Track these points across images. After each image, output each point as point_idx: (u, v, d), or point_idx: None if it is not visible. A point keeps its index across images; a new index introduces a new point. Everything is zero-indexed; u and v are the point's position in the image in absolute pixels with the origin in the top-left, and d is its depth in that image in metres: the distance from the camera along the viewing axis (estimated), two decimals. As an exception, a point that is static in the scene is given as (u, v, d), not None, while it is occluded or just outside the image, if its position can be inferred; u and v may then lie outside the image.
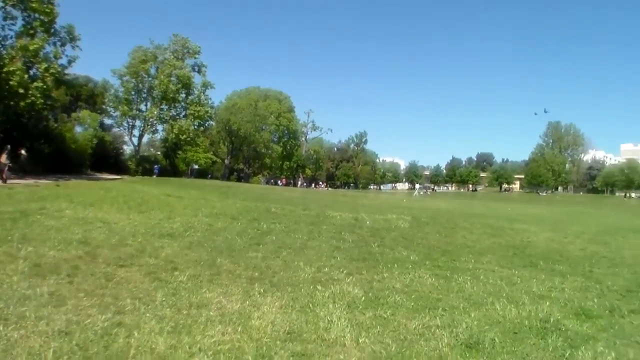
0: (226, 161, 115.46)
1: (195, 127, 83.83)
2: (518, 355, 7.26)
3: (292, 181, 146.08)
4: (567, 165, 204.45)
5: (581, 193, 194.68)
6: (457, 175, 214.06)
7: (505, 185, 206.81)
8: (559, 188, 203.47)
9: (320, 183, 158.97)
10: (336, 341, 7.31)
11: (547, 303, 10.55)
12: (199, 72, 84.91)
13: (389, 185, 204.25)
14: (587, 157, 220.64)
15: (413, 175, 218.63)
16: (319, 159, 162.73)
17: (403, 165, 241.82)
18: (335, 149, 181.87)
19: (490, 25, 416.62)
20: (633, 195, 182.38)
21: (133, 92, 79.39)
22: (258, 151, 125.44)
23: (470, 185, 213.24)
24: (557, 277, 14.19)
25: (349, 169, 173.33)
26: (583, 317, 9.75)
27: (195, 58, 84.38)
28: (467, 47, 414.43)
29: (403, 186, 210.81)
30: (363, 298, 9.90)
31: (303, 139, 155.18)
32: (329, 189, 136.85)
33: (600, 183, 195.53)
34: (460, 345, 7.52)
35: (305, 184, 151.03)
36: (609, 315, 10.04)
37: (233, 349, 6.76)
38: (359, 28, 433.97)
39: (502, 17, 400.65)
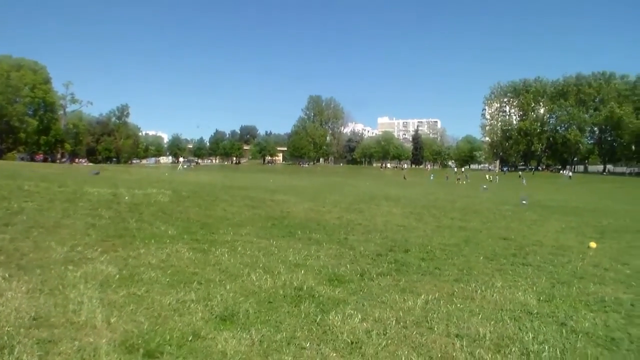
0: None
1: None
2: (272, 324, 7.34)
3: (50, 157, 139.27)
4: (327, 137, 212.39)
5: (341, 164, 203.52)
6: (221, 148, 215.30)
7: (268, 158, 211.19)
8: (321, 160, 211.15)
9: (82, 160, 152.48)
10: (86, 323, 6.92)
11: (302, 271, 10.82)
12: None
13: (152, 159, 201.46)
14: (347, 130, 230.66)
15: (177, 148, 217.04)
16: (79, 133, 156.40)
17: (166, 138, 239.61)
18: (96, 122, 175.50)
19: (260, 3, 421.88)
20: (389, 165, 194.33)
21: None
22: (11, 125, 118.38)
23: (234, 158, 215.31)
24: (313, 245, 14.62)
25: (110, 143, 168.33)
26: (336, 282, 10.11)
27: None
28: (229, 22, 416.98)
29: (167, 160, 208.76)
30: (117, 276, 9.50)
31: (61, 112, 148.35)
32: (89, 164, 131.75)
33: (359, 154, 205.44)
34: (214, 318, 7.48)
35: (67, 159, 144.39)
36: (360, 279, 10.49)
37: (-33, 343, 6.17)
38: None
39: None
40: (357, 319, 7.71)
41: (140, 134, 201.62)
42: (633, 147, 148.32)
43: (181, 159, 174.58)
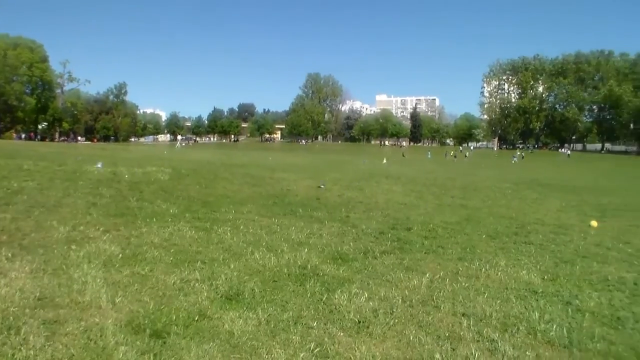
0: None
1: None
2: (278, 303, 7.29)
3: (48, 136, 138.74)
4: (326, 115, 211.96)
5: (340, 142, 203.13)
6: (219, 126, 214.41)
7: (267, 135, 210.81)
8: (319, 137, 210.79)
9: (78, 137, 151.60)
10: (91, 303, 6.85)
11: (306, 249, 10.77)
12: None
13: (151, 138, 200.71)
14: (345, 107, 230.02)
15: (175, 126, 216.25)
16: (77, 112, 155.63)
17: (164, 116, 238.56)
18: (94, 101, 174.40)
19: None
20: (387, 143, 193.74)
21: None
22: (9, 104, 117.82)
23: (232, 136, 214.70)
24: (315, 223, 14.59)
25: (108, 122, 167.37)
26: (340, 261, 10.06)
27: None
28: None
29: (165, 138, 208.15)
30: (120, 255, 9.44)
31: (59, 90, 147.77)
32: (96, 141, 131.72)
33: (357, 132, 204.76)
34: (220, 298, 7.41)
35: (71, 138, 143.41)
36: (363, 258, 10.45)
37: (-28, 324, 6.06)
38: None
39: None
40: (363, 298, 7.67)
41: (138, 112, 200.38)
42: (632, 126, 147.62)
43: (179, 137, 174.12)
